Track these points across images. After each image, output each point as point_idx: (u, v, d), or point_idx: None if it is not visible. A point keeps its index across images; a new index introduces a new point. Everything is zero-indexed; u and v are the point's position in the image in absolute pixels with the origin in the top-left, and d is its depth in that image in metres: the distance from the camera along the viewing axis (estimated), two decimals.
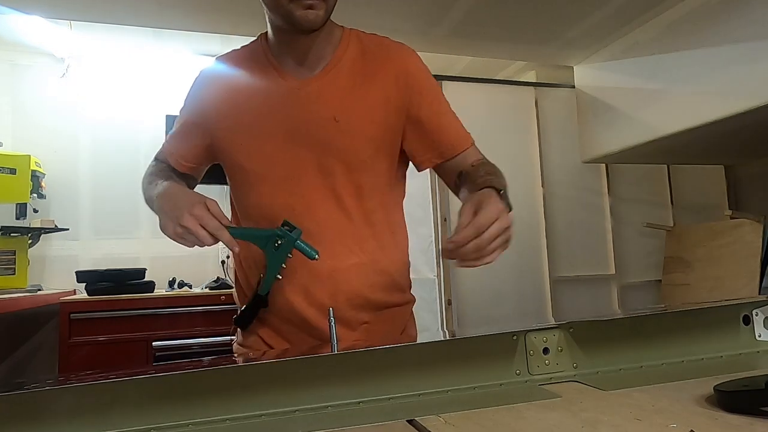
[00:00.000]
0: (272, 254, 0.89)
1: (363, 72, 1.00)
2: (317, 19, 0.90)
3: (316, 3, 0.88)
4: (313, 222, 0.95)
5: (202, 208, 0.85)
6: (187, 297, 2.76)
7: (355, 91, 0.98)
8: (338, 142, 0.96)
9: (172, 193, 0.91)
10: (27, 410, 0.56)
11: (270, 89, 0.98)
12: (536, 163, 2.90)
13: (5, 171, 2.57)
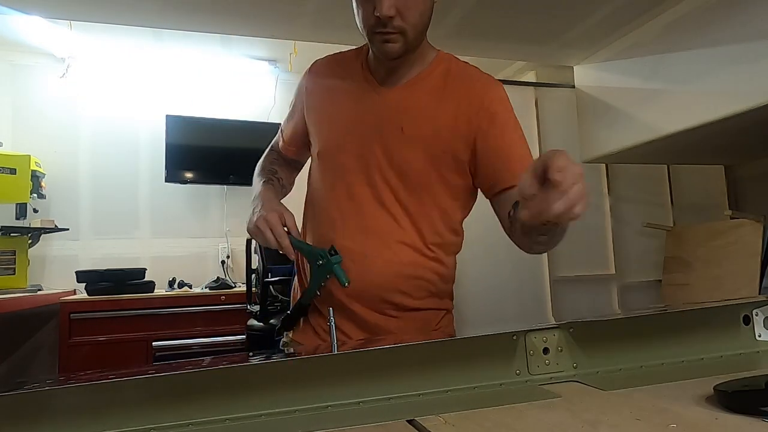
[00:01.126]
0: (315, 270, 1.01)
1: (442, 92, 1.06)
2: (394, 51, 1.00)
3: (393, 37, 0.98)
4: (360, 215, 1.05)
5: (275, 216, 1.01)
6: (187, 297, 2.76)
7: (427, 108, 1.05)
8: (398, 150, 1.04)
9: (263, 197, 1.09)
10: (27, 410, 0.56)
11: (356, 90, 1.10)
12: None
13: (5, 171, 2.57)
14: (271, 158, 1.25)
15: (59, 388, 0.60)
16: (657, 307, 1.59)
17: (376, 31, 0.97)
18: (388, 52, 1.00)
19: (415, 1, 0.97)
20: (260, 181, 1.16)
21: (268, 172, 1.19)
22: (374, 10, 0.95)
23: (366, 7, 0.97)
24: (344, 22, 2.44)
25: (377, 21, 0.95)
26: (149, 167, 3.21)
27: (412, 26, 0.98)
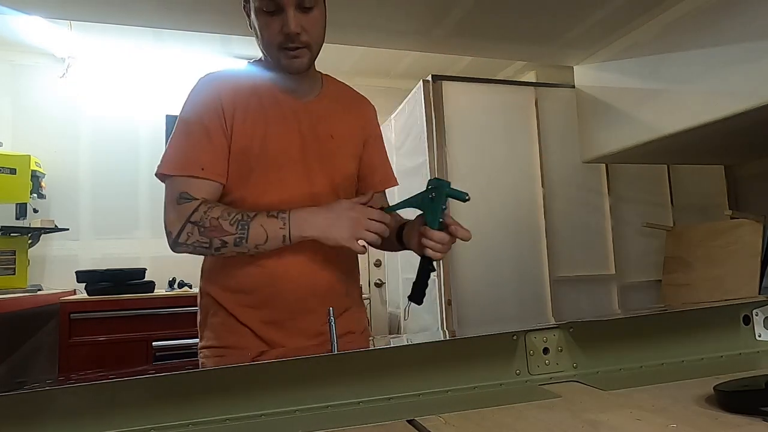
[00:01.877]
0: (430, 207, 1.00)
1: (343, 105, 1.18)
2: (301, 66, 1.05)
3: (300, 52, 1.03)
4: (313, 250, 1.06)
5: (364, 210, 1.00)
6: (187, 297, 2.76)
7: (341, 117, 1.16)
8: (334, 156, 1.12)
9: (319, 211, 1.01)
10: (27, 410, 0.56)
11: (280, 102, 1.09)
12: (536, 163, 2.89)
13: (5, 171, 2.57)
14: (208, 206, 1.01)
15: (59, 388, 0.60)
16: (657, 307, 1.59)
17: (284, 47, 1.01)
18: (297, 67, 1.04)
19: (316, 18, 1.03)
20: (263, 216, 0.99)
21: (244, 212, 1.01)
22: (281, 28, 0.99)
23: (272, 26, 1.01)
24: (344, 22, 2.44)
25: (285, 38, 1.00)
26: (149, 167, 3.21)
27: (315, 41, 1.05)
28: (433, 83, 2.73)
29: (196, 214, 0.99)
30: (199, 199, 1.00)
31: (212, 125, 1.03)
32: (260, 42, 1.06)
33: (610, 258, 3.00)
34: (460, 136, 2.75)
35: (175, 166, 1.02)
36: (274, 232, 0.97)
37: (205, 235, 0.98)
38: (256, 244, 0.97)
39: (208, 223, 0.98)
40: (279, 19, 0.99)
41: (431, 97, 2.72)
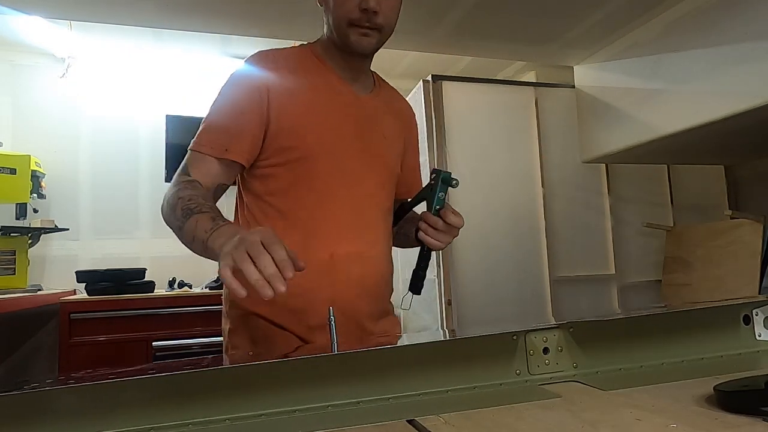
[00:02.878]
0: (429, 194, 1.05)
1: (392, 106, 1.18)
2: (369, 47, 1.02)
3: (371, 32, 1.00)
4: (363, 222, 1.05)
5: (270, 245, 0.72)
6: (187, 297, 2.76)
7: (391, 118, 1.15)
8: (386, 156, 1.11)
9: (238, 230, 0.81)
10: (27, 410, 0.56)
11: (337, 93, 1.06)
12: (536, 163, 2.89)
13: (5, 171, 2.57)
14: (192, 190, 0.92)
15: (59, 388, 0.60)
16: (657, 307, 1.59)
17: (357, 25, 0.99)
18: (365, 47, 1.02)
19: (394, 2, 1.02)
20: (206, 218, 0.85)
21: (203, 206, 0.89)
22: (360, 3, 0.96)
23: (349, 1, 0.98)
24: None
25: (362, 14, 0.97)
26: (149, 167, 3.21)
27: (388, 24, 1.02)
28: (433, 83, 2.73)
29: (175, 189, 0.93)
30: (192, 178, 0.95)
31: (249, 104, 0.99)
32: (329, 16, 1.02)
33: (610, 258, 3.00)
34: (460, 136, 2.75)
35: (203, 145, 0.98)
36: (198, 237, 0.83)
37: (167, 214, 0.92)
38: (186, 239, 0.87)
39: (172, 199, 0.91)
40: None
41: (431, 97, 2.72)
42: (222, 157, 0.98)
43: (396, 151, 1.16)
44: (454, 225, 1.03)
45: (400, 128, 1.18)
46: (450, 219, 1.02)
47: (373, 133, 1.09)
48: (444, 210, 1.03)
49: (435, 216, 1.03)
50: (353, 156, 1.05)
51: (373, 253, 1.07)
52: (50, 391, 0.60)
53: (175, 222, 0.89)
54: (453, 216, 1.03)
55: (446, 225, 1.03)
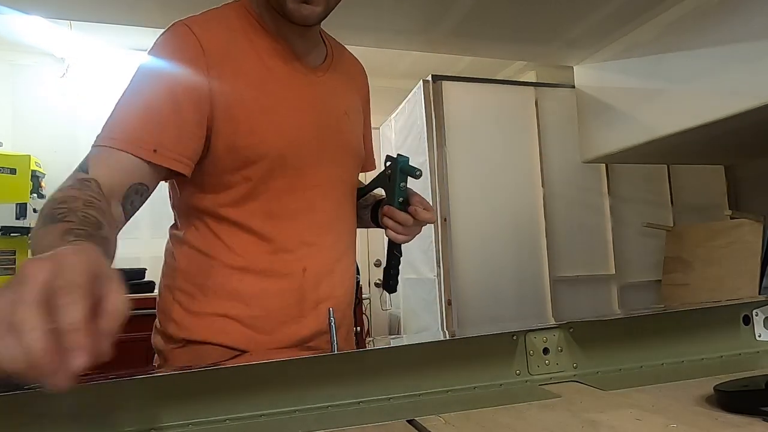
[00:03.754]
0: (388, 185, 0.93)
1: (348, 71, 1.01)
2: (312, 15, 0.81)
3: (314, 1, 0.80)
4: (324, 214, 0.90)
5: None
6: None
7: (350, 90, 1.00)
8: (350, 139, 0.96)
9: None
10: (27, 410, 0.56)
11: (291, 72, 0.87)
12: (536, 163, 2.90)
13: (5, 171, 2.57)
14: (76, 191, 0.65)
15: None
16: (657, 307, 1.59)
17: None
18: (307, 15, 0.81)
19: None
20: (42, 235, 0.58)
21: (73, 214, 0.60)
22: None
23: None
24: (343, 22, 2.44)
25: None
26: None
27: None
28: (433, 83, 2.73)
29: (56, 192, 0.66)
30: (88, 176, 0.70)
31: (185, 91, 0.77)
32: None
33: (610, 258, 3.00)
34: (460, 136, 2.75)
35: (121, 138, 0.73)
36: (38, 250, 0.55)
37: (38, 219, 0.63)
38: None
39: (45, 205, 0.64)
40: None
41: (431, 97, 2.72)
42: (148, 159, 0.74)
43: (359, 128, 1.00)
44: (425, 221, 0.93)
45: (358, 97, 1.02)
46: (421, 216, 0.92)
47: (335, 114, 0.92)
48: (414, 207, 0.92)
49: (402, 212, 0.91)
50: (318, 148, 0.88)
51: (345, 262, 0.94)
52: (50, 391, 0.60)
53: (33, 230, 0.63)
54: (425, 213, 0.92)
55: (416, 221, 0.92)
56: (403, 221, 0.92)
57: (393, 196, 0.92)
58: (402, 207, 0.93)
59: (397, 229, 0.93)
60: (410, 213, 0.92)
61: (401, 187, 0.92)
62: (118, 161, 0.73)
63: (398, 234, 0.94)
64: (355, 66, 1.05)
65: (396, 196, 0.92)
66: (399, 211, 0.92)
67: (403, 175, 0.92)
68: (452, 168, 2.70)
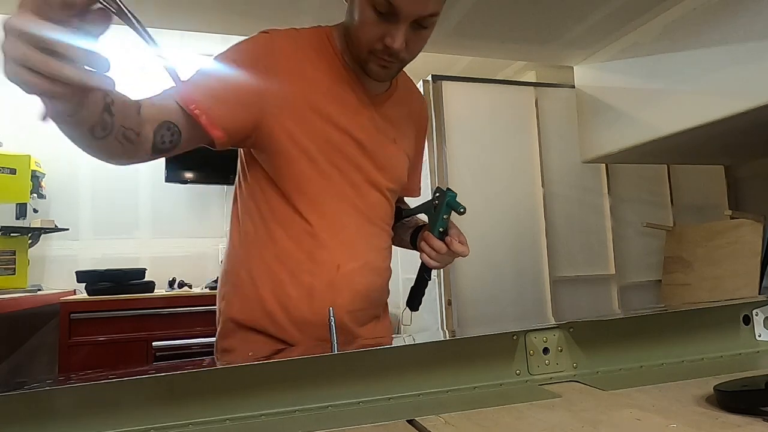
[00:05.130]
0: (432, 214, 1.01)
1: (408, 102, 1.10)
2: (387, 77, 0.95)
3: (393, 66, 0.92)
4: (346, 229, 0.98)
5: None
6: (187, 297, 2.76)
7: (404, 119, 1.08)
8: (393, 160, 1.03)
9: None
10: (27, 410, 0.56)
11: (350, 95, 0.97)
12: (536, 163, 2.90)
13: (5, 171, 2.57)
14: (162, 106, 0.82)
15: (59, 388, 0.60)
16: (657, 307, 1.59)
17: (378, 56, 0.90)
18: (381, 77, 0.94)
19: (424, 38, 0.92)
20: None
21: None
22: (384, 37, 0.86)
23: (375, 29, 0.86)
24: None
25: (384, 49, 0.88)
26: (149, 167, 3.21)
27: (411, 57, 0.94)
28: (433, 83, 2.74)
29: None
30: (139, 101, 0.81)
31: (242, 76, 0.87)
32: (351, 29, 0.91)
33: (610, 258, 3.00)
34: (460, 136, 2.75)
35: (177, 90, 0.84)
36: None
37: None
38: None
39: None
40: (386, 25, 0.85)
41: (431, 97, 2.72)
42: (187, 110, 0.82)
43: (404, 155, 1.08)
44: (458, 254, 1.00)
45: (413, 129, 1.11)
46: (455, 248, 0.99)
47: (383, 139, 1.01)
48: (450, 238, 1.00)
49: (439, 241, 1.00)
50: (360, 166, 0.98)
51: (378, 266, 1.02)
52: (50, 391, 0.60)
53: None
54: (459, 245, 0.99)
55: (450, 252, 1.00)
56: (438, 249, 1.00)
57: (435, 225, 1.00)
58: (440, 236, 1.00)
59: (431, 254, 1.01)
60: (446, 242, 0.99)
61: (444, 219, 1.00)
62: (165, 103, 0.82)
63: (431, 260, 1.02)
64: (417, 100, 1.15)
65: (437, 226, 1.00)
66: (436, 239, 1.00)
67: (448, 209, 0.99)
68: (452, 168, 2.70)
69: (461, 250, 1.00)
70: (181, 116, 0.83)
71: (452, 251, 0.99)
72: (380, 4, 0.83)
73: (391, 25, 0.85)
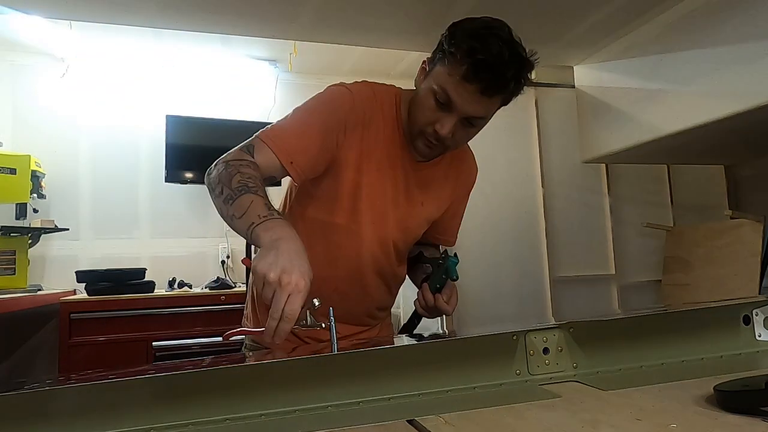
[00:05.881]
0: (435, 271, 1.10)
1: (448, 168, 1.16)
2: (429, 157, 1.07)
3: (438, 149, 1.03)
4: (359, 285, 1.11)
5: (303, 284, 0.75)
6: (187, 297, 2.76)
7: (440, 185, 1.15)
8: (414, 219, 1.13)
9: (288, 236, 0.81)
10: (27, 410, 0.56)
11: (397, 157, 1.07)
12: (536, 163, 2.90)
13: (5, 171, 2.57)
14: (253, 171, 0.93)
15: (59, 388, 0.60)
16: (657, 307, 1.59)
17: (426, 137, 1.00)
18: (425, 156, 1.05)
19: (471, 134, 1.04)
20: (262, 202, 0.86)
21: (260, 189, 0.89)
22: (436, 122, 0.97)
23: (430, 113, 0.98)
24: (344, 22, 2.44)
25: (432, 132, 0.98)
26: (149, 167, 3.21)
27: (455, 147, 1.06)
28: None
29: (235, 161, 0.92)
30: (254, 161, 0.94)
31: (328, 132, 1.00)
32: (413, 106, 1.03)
33: (610, 258, 3.00)
34: None
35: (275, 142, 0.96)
36: (249, 215, 0.84)
37: (219, 178, 0.91)
38: (231, 213, 0.87)
39: (232, 169, 0.90)
40: (441, 113, 0.97)
41: None
42: (283, 165, 0.96)
43: (430, 217, 1.17)
44: (441, 311, 1.09)
45: (451, 192, 1.19)
46: (439, 305, 1.08)
47: (411, 198, 1.11)
48: (439, 295, 1.08)
49: (431, 295, 1.08)
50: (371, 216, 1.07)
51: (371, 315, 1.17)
52: (50, 391, 0.60)
53: (226, 191, 0.87)
54: (443, 304, 1.07)
55: (435, 307, 1.08)
56: (427, 301, 1.08)
57: (433, 281, 1.09)
58: (435, 291, 1.09)
59: (421, 303, 1.09)
60: (434, 298, 1.08)
61: (442, 278, 1.08)
62: (269, 157, 0.95)
63: (420, 308, 1.11)
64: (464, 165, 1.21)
65: (435, 282, 1.09)
66: (428, 292, 1.08)
67: (446, 272, 1.08)
68: None
69: (444, 309, 1.08)
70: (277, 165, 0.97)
71: (437, 307, 1.08)
72: (440, 95, 0.95)
73: (445, 114, 0.97)
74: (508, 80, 0.96)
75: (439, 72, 0.97)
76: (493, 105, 0.99)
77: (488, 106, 0.98)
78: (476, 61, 0.92)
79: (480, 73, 0.92)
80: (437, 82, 0.96)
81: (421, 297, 1.09)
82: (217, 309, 2.72)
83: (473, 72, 0.92)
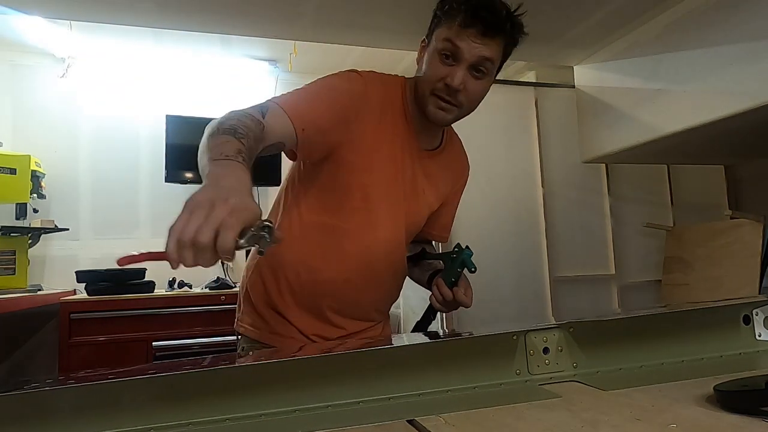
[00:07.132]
0: (449, 265, 1.09)
1: (450, 164, 1.22)
2: (443, 121, 1.07)
3: (450, 108, 1.03)
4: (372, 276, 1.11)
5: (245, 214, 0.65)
6: (187, 297, 2.76)
7: (443, 176, 1.19)
8: (419, 207, 1.15)
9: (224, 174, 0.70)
10: (27, 410, 0.56)
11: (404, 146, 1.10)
12: (536, 163, 2.89)
13: (5, 171, 2.57)
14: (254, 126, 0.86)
15: (59, 388, 0.60)
16: (657, 307, 1.59)
17: (438, 95, 1.02)
18: (439, 119, 1.05)
19: (481, 86, 1.05)
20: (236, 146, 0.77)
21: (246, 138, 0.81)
22: (446, 77, 1.00)
23: (438, 71, 1.00)
24: (344, 22, 2.43)
25: (444, 88, 1.00)
26: (149, 167, 3.21)
27: (468, 106, 1.06)
28: None
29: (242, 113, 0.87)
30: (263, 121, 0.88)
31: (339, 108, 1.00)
32: (419, 78, 1.06)
33: (610, 258, 3.00)
34: (459, 136, 2.75)
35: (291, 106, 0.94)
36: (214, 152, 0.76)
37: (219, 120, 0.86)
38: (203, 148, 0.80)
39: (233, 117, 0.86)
40: (449, 68, 1.00)
41: None
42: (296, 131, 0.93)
43: (431, 206, 1.19)
44: (461, 304, 1.09)
45: (449, 186, 1.22)
46: (460, 298, 1.07)
47: (416, 188, 1.13)
48: (457, 289, 1.08)
49: (447, 288, 1.08)
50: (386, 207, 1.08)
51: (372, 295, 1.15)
52: (50, 391, 0.60)
53: (214, 129, 0.83)
54: (463, 297, 1.07)
55: (455, 301, 1.08)
56: (446, 296, 1.08)
57: (448, 275, 1.09)
58: (451, 285, 1.08)
59: (439, 299, 1.10)
60: (453, 292, 1.08)
61: (457, 272, 1.08)
62: (282, 122, 0.92)
63: (438, 303, 1.11)
64: (461, 161, 1.27)
65: (450, 276, 1.08)
66: (445, 287, 1.08)
67: (462, 265, 1.08)
68: None
69: (464, 302, 1.08)
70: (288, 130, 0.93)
71: (457, 300, 1.08)
72: (444, 48, 0.99)
73: (453, 67, 0.99)
74: (504, 19, 1.02)
75: (439, 33, 1.01)
76: (496, 47, 1.02)
77: (492, 48, 1.01)
78: (470, 6, 0.97)
79: (477, 14, 0.97)
80: (438, 41, 1.00)
81: (437, 292, 1.09)
82: (217, 309, 2.72)
83: (471, 15, 0.97)
